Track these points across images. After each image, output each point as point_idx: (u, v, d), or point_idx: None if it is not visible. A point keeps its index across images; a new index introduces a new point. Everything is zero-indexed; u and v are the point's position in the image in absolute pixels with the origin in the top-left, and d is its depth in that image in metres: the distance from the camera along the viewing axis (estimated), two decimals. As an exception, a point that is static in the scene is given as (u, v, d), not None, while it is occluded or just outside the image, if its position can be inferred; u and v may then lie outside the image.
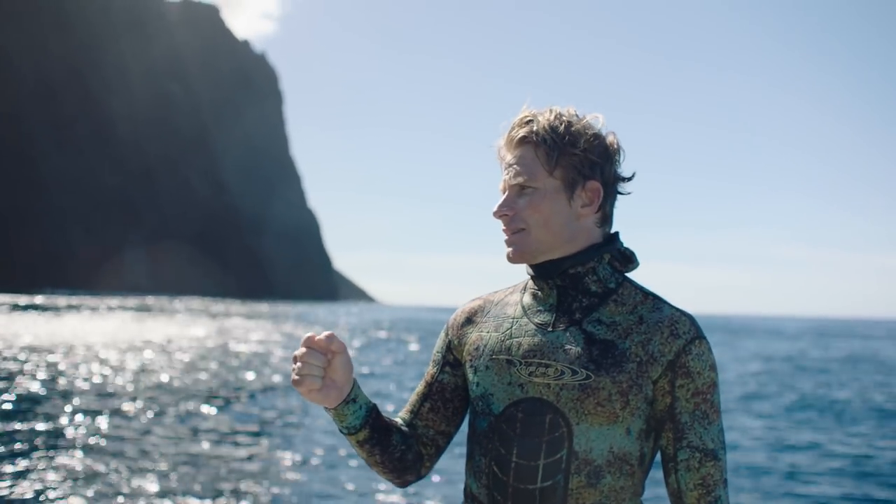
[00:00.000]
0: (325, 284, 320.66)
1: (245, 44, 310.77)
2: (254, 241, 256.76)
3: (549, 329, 1.76)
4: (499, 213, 1.80)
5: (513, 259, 1.81)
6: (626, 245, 1.85)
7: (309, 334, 1.68)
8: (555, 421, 1.69)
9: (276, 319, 62.18)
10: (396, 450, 1.85)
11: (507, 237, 1.80)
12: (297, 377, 1.68)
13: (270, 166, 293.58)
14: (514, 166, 1.78)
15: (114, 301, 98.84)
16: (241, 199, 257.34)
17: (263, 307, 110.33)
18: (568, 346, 1.72)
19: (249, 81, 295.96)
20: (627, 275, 1.85)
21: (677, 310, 1.76)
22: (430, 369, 1.96)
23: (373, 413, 1.80)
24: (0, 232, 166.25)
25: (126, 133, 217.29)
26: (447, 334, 1.95)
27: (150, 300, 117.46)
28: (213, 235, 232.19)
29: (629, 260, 1.83)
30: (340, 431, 1.82)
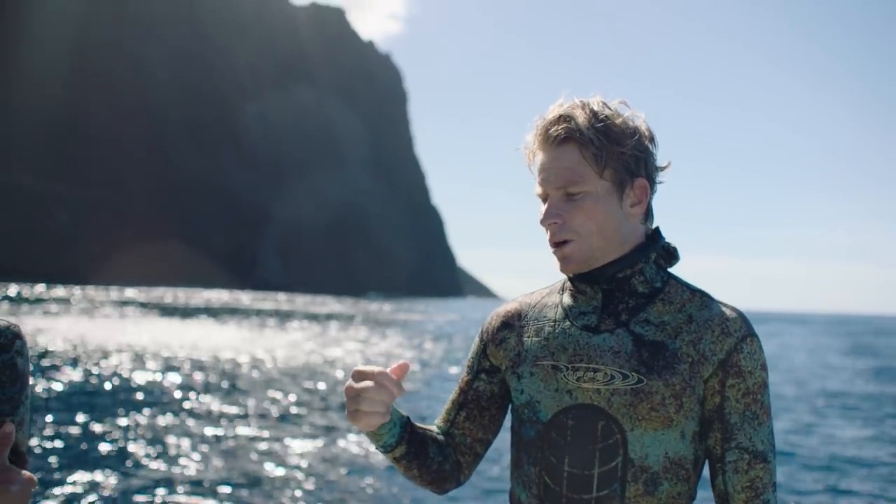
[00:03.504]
0: (450, 282, 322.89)
1: (370, 44, 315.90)
2: (381, 239, 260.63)
3: (595, 332, 1.69)
4: (548, 222, 1.70)
5: (566, 271, 1.73)
6: (668, 240, 1.78)
7: (375, 368, 1.58)
8: (607, 428, 1.63)
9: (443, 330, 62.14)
10: (434, 462, 1.79)
11: (554, 248, 1.72)
12: (362, 410, 1.57)
13: (396, 165, 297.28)
14: (557, 169, 1.68)
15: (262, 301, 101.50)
16: (368, 197, 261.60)
17: (399, 306, 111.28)
18: (616, 349, 1.66)
19: (374, 82, 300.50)
20: (671, 271, 1.78)
21: (727, 306, 1.70)
22: (465, 376, 1.88)
23: (407, 428, 1.74)
24: (141, 230, 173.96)
25: (258, 135, 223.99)
26: (482, 340, 1.87)
27: (285, 298, 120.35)
28: (342, 234, 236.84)
29: (672, 255, 1.76)
30: (377, 450, 1.75)
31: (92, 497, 8.27)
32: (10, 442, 1.40)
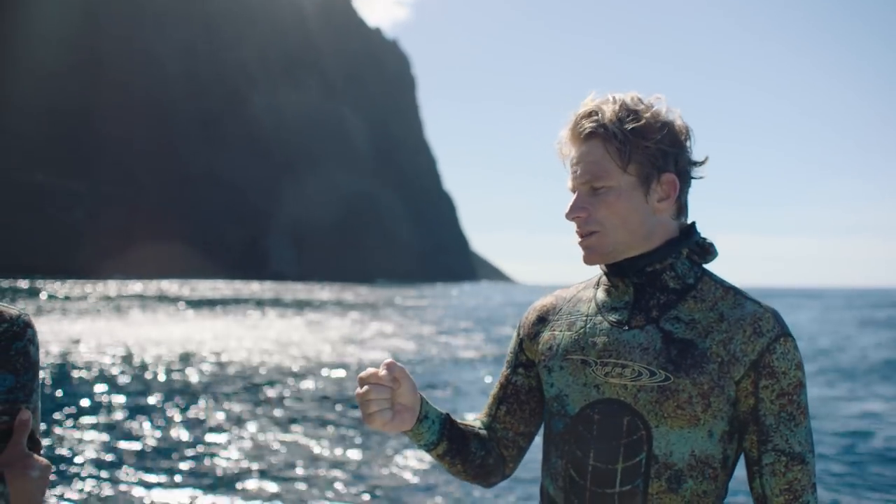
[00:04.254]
0: (463, 266, 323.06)
1: (377, 31, 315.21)
2: (392, 226, 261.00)
3: (625, 327, 1.70)
4: (572, 216, 1.72)
5: (588, 262, 1.74)
6: (703, 236, 1.77)
7: (369, 371, 1.65)
8: (633, 423, 1.64)
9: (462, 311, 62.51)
10: (476, 456, 1.83)
11: (579, 240, 1.73)
12: (368, 414, 1.65)
13: (405, 151, 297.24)
14: (584, 164, 1.69)
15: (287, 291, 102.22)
16: (379, 185, 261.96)
17: (409, 292, 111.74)
18: (645, 346, 1.66)
19: (382, 69, 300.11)
20: (706, 267, 1.77)
21: (760, 305, 1.68)
22: (504, 371, 1.91)
23: (447, 424, 1.78)
24: (155, 225, 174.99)
25: (267, 126, 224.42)
26: (519, 334, 1.90)
27: (299, 288, 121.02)
28: (353, 223, 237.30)
29: (707, 252, 1.74)
30: (421, 449, 1.80)
31: (110, 492, 8.57)
32: (28, 429, 1.45)
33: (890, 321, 52.30)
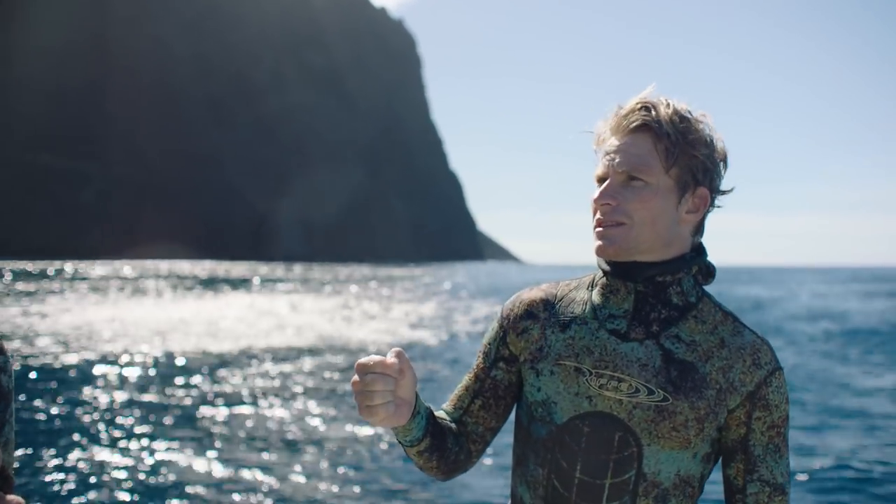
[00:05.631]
0: (470, 246, 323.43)
1: (382, 11, 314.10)
2: (399, 206, 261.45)
3: (623, 338, 1.66)
4: (602, 202, 1.66)
5: (604, 252, 1.67)
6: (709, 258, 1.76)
7: (375, 358, 1.49)
8: (625, 439, 1.62)
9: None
10: (451, 453, 1.76)
11: (600, 228, 1.67)
12: (369, 406, 1.49)
13: (412, 132, 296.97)
14: (625, 154, 1.65)
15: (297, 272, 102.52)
16: (385, 165, 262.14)
17: (412, 271, 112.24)
18: (644, 361, 1.63)
19: (387, 48, 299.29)
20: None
21: (757, 335, 1.69)
22: (481, 363, 1.82)
23: (431, 419, 1.70)
24: (164, 205, 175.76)
25: (275, 106, 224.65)
26: (502, 326, 1.80)
27: (307, 269, 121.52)
28: (360, 204, 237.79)
29: (710, 274, 1.74)
30: (401, 444, 1.70)
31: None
32: None
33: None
